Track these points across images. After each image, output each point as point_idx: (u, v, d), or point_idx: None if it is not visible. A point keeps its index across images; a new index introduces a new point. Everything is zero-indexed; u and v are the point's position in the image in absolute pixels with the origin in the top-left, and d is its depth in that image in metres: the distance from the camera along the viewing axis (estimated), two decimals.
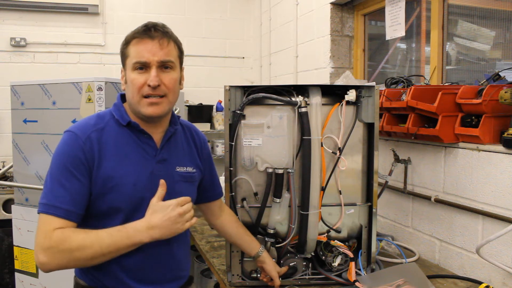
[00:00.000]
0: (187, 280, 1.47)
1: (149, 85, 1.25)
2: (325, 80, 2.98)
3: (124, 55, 1.31)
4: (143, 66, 1.26)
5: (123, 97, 1.38)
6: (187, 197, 1.26)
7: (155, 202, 1.23)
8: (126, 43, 1.30)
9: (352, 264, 1.57)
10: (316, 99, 1.54)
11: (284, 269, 1.60)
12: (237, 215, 1.59)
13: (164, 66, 1.28)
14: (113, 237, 1.18)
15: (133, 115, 1.34)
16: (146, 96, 1.26)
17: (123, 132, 1.31)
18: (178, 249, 1.40)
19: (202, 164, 1.48)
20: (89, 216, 1.28)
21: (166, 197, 1.26)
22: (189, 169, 1.41)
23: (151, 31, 1.26)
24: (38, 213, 1.20)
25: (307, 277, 1.63)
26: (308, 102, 1.54)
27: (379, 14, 2.73)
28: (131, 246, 1.20)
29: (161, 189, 1.25)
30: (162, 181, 1.26)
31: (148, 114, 1.28)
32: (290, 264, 1.60)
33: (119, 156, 1.28)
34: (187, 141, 1.45)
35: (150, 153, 1.33)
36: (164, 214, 1.21)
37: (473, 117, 1.67)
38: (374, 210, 1.60)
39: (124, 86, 1.34)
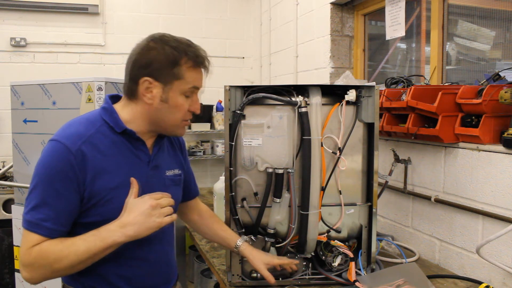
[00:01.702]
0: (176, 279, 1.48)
1: (192, 112, 1.29)
2: (325, 80, 2.98)
3: (173, 74, 1.22)
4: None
5: (112, 99, 1.30)
6: (164, 193, 1.23)
7: (128, 201, 1.19)
8: (180, 61, 1.22)
9: (352, 264, 1.57)
10: (316, 99, 1.54)
11: (282, 260, 1.53)
12: (237, 215, 1.58)
13: None
14: (87, 242, 1.13)
15: (134, 122, 1.26)
16: (185, 120, 1.30)
17: (117, 139, 1.24)
18: (171, 253, 1.40)
19: (184, 164, 1.49)
20: (79, 225, 1.22)
21: None
22: (176, 171, 1.41)
23: (207, 66, 1.28)
24: (22, 227, 1.16)
25: (307, 277, 1.63)
26: (308, 102, 1.54)
27: (379, 14, 2.73)
28: (107, 249, 1.14)
29: (134, 187, 1.21)
30: (133, 179, 1.22)
31: (181, 135, 1.35)
32: None
33: (114, 165, 1.22)
34: (171, 143, 1.45)
35: (144, 160, 1.29)
36: (136, 210, 1.16)
37: (473, 117, 1.67)
38: (374, 210, 1.60)
39: (154, 102, 1.23)
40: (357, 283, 1.52)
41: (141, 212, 1.16)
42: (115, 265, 1.25)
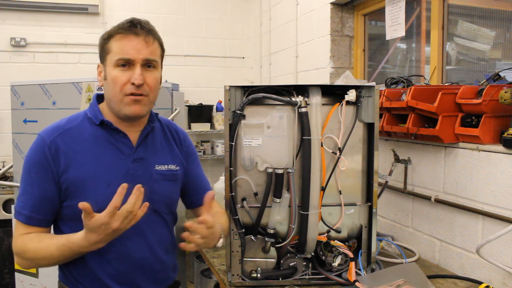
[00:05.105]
0: (173, 282, 1.46)
1: (132, 83, 1.22)
2: (325, 80, 2.98)
3: (104, 50, 1.26)
4: (126, 63, 1.23)
5: (98, 98, 1.35)
6: (115, 201, 1.10)
7: (85, 223, 1.12)
8: (109, 37, 1.25)
9: (352, 264, 1.57)
10: (316, 99, 1.54)
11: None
12: (237, 215, 1.58)
13: (147, 65, 1.25)
14: (61, 251, 1.20)
15: (109, 114, 1.31)
16: (128, 94, 1.23)
17: (97, 132, 1.28)
18: (161, 251, 1.38)
19: (185, 160, 1.45)
20: (62, 220, 1.28)
21: (145, 199, 1.16)
22: (172, 166, 1.38)
23: (137, 27, 1.23)
24: None
25: (307, 277, 1.63)
26: (308, 102, 1.54)
27: (379, 14, 2.73)
28: (82, 254, 1.22)
29: (85, 212, 1.10)
30: (84, 204, 1.08)
31: (130, 113, 1.25)
32: (290, 264, 1.60)
33: (91, 157, 1.25)
34: (166, 138, 1.42)
35: (126, 152, 1.29)
36: (99, 233, 1.13)
37: (473, 117, 1.67)
38: (374, 210, 1.60)
39: (102, 82, 1.30)
40: (357, 283, 1.52)
41: (106, 234, 1.14)
42: (101, 261, 1.27)
